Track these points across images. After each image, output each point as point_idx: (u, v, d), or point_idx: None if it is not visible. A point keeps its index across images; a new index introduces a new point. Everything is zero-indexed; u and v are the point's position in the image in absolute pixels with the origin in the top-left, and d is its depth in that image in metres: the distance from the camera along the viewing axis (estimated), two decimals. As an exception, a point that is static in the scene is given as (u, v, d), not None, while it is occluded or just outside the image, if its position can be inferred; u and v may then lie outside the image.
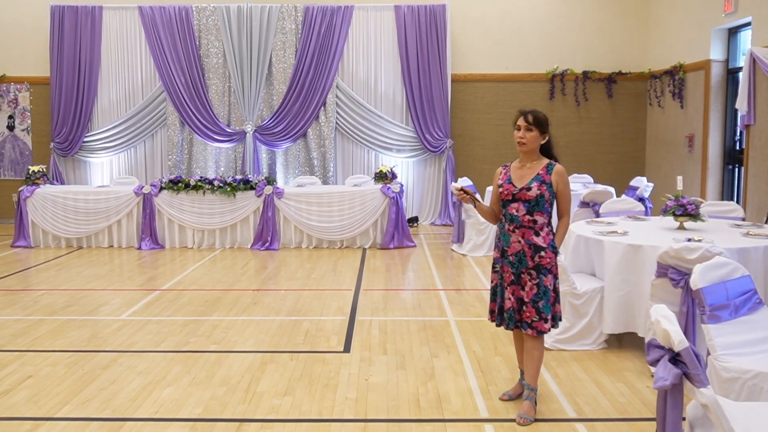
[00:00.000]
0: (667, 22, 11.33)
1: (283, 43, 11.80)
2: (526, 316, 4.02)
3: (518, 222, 4.05)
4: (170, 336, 5.67)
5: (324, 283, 7.62)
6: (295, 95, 11.81)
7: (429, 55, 11.76)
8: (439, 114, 11.84)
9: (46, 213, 9.91)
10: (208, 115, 11.89)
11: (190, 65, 11.79)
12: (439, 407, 4.22)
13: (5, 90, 12.28)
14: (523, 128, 4.08)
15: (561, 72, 12.11)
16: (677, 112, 10.93)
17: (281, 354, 5.22)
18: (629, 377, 4.72)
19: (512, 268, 4.07)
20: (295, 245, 9.82)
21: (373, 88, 12.03)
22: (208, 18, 11.79)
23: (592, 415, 4.10)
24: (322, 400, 4.34)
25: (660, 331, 2.83)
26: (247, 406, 4.25)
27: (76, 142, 12.01)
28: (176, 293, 7.17)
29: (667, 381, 2.77)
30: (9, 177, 12.39)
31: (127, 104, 12.10)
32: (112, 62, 12.00)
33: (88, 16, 11.83)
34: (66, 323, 6.06)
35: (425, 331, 5.78)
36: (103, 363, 5.02)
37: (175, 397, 4.38)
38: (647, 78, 12.04)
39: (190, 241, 9.84)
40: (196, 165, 12.06)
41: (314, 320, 6.14)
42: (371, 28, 11.93)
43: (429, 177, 12.25)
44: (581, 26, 12.11)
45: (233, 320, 6.14)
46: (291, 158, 12.14)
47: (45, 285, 7.61)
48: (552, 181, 4.05)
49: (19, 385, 4.60)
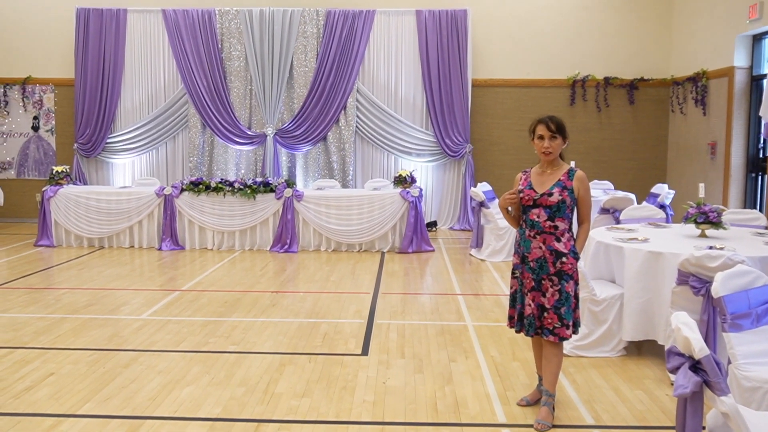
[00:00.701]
0: (690, 28, 11.25)
1: (304, 47, 11.87)
2: (548, 322, 4.01)
3: (539, 228, 4.04)
4: (190, 336, 5.72)
5: (342, 286, 7.64)
6: (315, 99, 11.87)
7: (450, 60, 11.77)
8: (459, 119, 11.84)
9: (69, 213, 10.04)
10: (230, 118, 11.98)
11: (212, 68, 11.89)
12: (457, 411, 4.22)
13: (30, 91, 12.45)
14: (547, 137, 4.04)
15: (582, 78, 12.06)
16: (700, 119, 10.84)
17: (300, 356, 5.24)
18: (648, 385, 4.68)
19: (533, 274, 4.06)
20: (314, 248, 9.86)
21: (393, 92, 12.06)
22: (230, 21, 11.89)
23: (611, 423, 4.08)
24: (339, 402, 4.35)
25: (680, 338, 2.82)
26: (265, 406, 4.28)
27: (99, 143, 12.16)
28: (196, 294, 7.23)
29: (687, 389, 2.76)
30: (33, 177, 12.57)
31: (149, 106, 12.23)
32: (135, 64, 12.14)
33: (112, 18, 11.98)
34: (87, 322, 6.14)
35: (443, 336, 5.78)
36: (123, 362, 5.07)
37: (195, 397, 4.41)
38: (670, 84, 11.96)
39: (210, 243, 9.91)
40: (217, 167, 12.15)
41: (332, 323, 6.16)
42: (392, 32, 11.97)
43: (448, 182, 12.25)
44: (603, 32, 12.05)
45: (252, 321, 6.18)
46: (311, 161, 12.19)
47: (67, 284, 7.71)
48: (573, 187, 4.04)
49: (42, 382, 4.66)
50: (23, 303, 6.82)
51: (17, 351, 5.30)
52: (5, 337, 5.65)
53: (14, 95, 12.46)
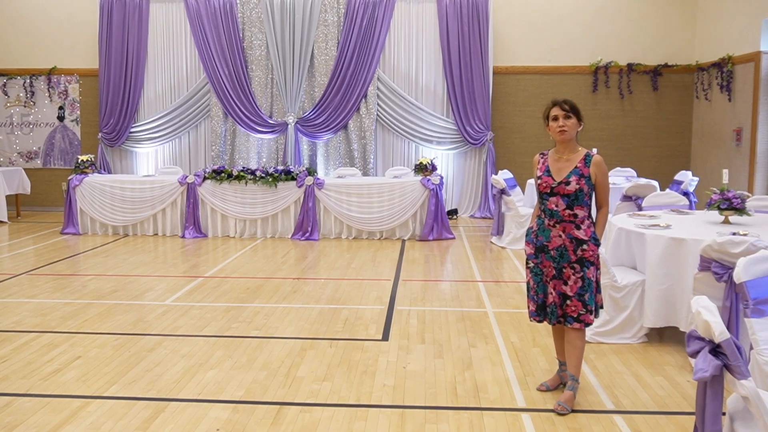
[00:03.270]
0: (715, 13, 11.09)
1: (325, 36, 11.88)
2: (572, 310, 4.01)
3: (558, 217, 4.03)
4: (213, 321, 5.80)
5: (363, 273, 7.68)
6: (336, 87, 11.89)
7: (471, 47, 11.72)
8: (480, 106, 11.80)
9: (94, 201, 10.18)
10: (251, 107, 12.05)
11: (233, 57, 11.95)
12: (476, 396, 4.25)
13: (56, 82, 12.62)
14: (561, 117, 4.04)
15: (605, 64, 11.95)
16: (725, 105, 10.70)
17: (321, 341, 5.30)
18: (670, 371, 4.67)
19: (554, 263, 4.05)
20: (335, 236, 9.91)
21: (414, 80, 12.04)
22: (251, 10, 11.94)
23: (631, 408, 4.08)
24: (360, 386, 4.40)
25: (701, 322, 2.81)
26: (287, 390, 4.33)
27: (123, 133, 12.30)
28: (218, 280, 7.32)
29: (707, 372, 2.76)
30: (59, 166, 12.75)
31: (172, 96, 12.34)
32: (158, 54, 12.24)
33: (135, 9, 12.08)
34: (113, 307, 6.24)
35: (463, 322, 5.80)
36: (148, 346, 5.16)
37: (218, 380, 4.49)
38: (694, 70, 11.81)
39: (233, 231, 10.00)
40: (239, 156, 12.24)
41: (353, 309, 6.21)
42: (413, 20, 11.94)
43: (469, 169, 12.23)
44: (626, 18, 11.92)
45: (274, 307, 6.25)
46: (332, 149, 12.23)
47: (93, 270, 7.83)
48: (591, 173, 4.01)
49: (70, 364, 4.77)
50: (50, 289, 6.95)
51: (45, 335, 5.41)
52: (34, 322, 5.77)
53: (40, 86, 12.63)
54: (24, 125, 12.71)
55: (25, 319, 5.85)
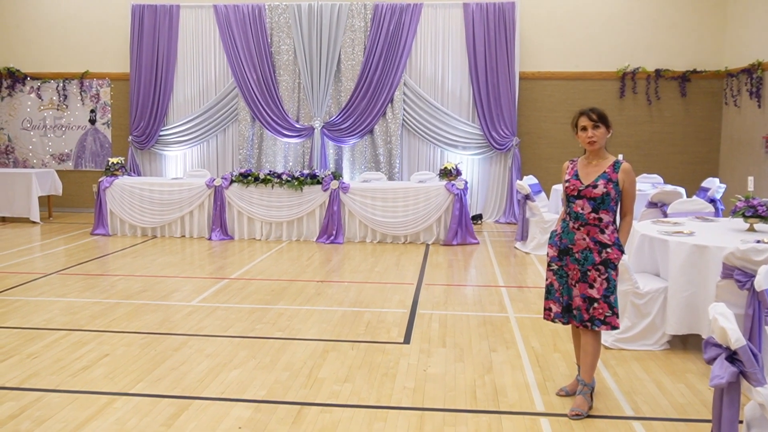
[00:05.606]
0: (745, 18, 10.97)
1: (352, 41, 11.98)
2: (599, 312, 4.02)
3: (583, 220, 4.05)
4: (237, 322, 5.89)
5: (386, 277, 7.74)
6: (362, 92, 11.98)
7: (497, 53, 11.74)
8: (506, 112, 11.81)
9: (124, 203, 10.38)
10: (278, 111, 12.19)
11: (261, 62, 12.11)
12: (496, 399, 4.28)
13: (88, 85, 12.88)
14: (590, 127, 4.08)
15: (632, 70, 11.88)
16: (754, 111, 10.59)
17: (343, 343, 5.36)
18: (691, 379, 4.66)
19: (578, 265, 4.07)
20: (360, 239, 9.98)
21: (440, 85, 12.09)
22: (279, 16, 12.08)
23: (650, 414, 4.08)
24: (381, 387, 4.45)
25: (717, 328, 2.82)
26: (308, 390, 4.40)
27: (153, 136, 12.51)
28: (244, 282, 7.43)
29: (723, 379, 2.77)
30: (89, 168, 13.00)
31: (200, 100, 12.53)
32: (187, 59, 12.45)
33: (166, 14, 12.30)
34: (140, 307, 6.37)
35: (485, 326, 5.83)
36: (174, 345, 5.27)
37: (241, 379, 4.57)
38: (723, 76, 11.70)
39: (258, 233, 10.13)
40: (266, 159, 12.38)
41: (376, 312, 6.27)
42: (439, 25, 11.99)
43: (494, 175, 12.23)
44: (654, 23, 11.85)
45: (297, 309, 6.33)
46: (357, 154, 12.31)
47: (121, 271, 7.99)
48: (619, 180, 4.04)
49: (98, 362, 4.89)
50: (80, 288, 7.12)
51: (74, 333, 5.55)
52: (63, 320, 5.92)
53: (72, 89, 12.90)
54: (56, 128, 13.00)
55: (56, 317, 6.00)
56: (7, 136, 13.09)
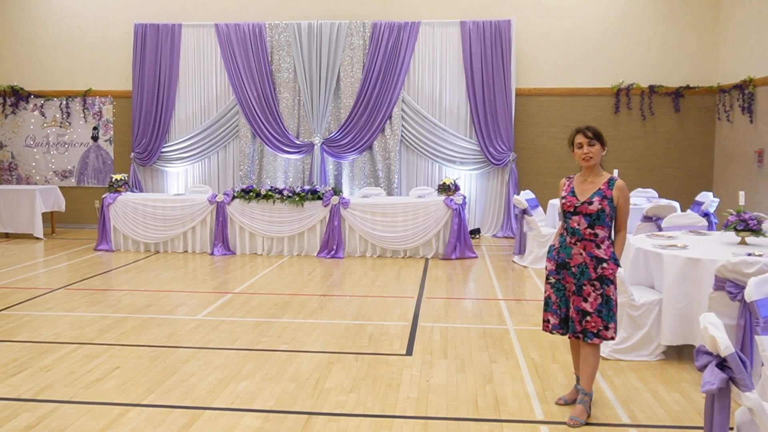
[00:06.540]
0: (737, 36, 11.21)
1: (351, 58, 12.19)
2: (591, 326, 4.17)
3: (580, 235, 4.22)
4: (243, 335, 6.03)
5: (387, 291, 7.89)
6: (361, 109, 12.17)
7: (494, 70, 11.95)
8: (502, 127, 12.00)
9: (127, 219, 10.52)
10: (279, 128, 12.37)
11: (262, 80, 12.31)
12: (497, 408, 4.42)
13: (90, 103, 13.06)
14: (585, 144, 4.25)
15: (627, 86, 12.10)
16: (747, 126, 10.80)
17: (347, 355, 5.50)
18: (686, 388, 4.80)
19: (574, 279, 4.23)
20: (360, 254, 10.13)
21: (438, 101, 12.29)
22: (280, 34, 12.29)
23: (646, 422, 4.22)
24: (385, 398, 4.59)
25: (707, 337, 2.98)
26: (315, 400, 4.54)
27: (155, 153, 12.68)
28: (247, 296, 7.57)
29: (713, 385, 2.92)
30: (92, 185, 13.15)
31: (202, 117, 12.71)
32: (189, 77, 12.64)
33: (168, 33, 12.51)
34: (147, 321, 6.51)
35: (485, 338, 5.97)
36: (182, 358, 5.40)
37: (249, 390, 4.71)
38: (716, 92, 11.92)
39: (260, 248, 10.27)
40: (266, 175, 12.54)
41: (378, 325, 6.41)
42: (437, 43, 12.21)
43: (492, 189, 12.41)
44: (648, 40, 12.08)
45: (301, 323, 6.47)
46: (357, 170, 12.49)
47: (126, 286, 8.13)
48: (613, 196, 4.20)
49: (109, 374, 5.02)
50: (87, 303, 7.25)
51: (85, 346, 5.68)
52: (73, 334, 6.05)
53: (75, 107, 13.08)
54: (59, 145, 13.16)
55: (65, 332, 6.13)
56: (10, 153, 13.25)
